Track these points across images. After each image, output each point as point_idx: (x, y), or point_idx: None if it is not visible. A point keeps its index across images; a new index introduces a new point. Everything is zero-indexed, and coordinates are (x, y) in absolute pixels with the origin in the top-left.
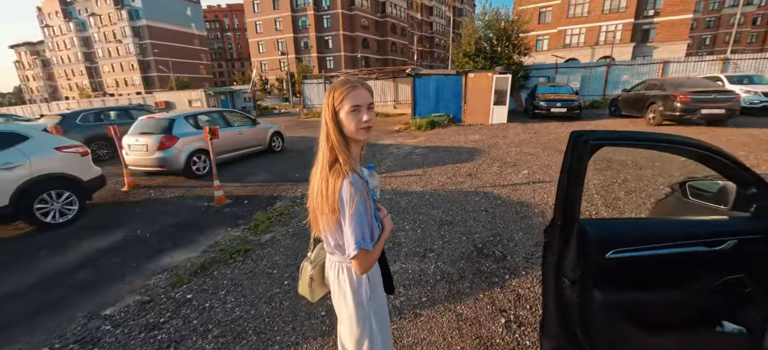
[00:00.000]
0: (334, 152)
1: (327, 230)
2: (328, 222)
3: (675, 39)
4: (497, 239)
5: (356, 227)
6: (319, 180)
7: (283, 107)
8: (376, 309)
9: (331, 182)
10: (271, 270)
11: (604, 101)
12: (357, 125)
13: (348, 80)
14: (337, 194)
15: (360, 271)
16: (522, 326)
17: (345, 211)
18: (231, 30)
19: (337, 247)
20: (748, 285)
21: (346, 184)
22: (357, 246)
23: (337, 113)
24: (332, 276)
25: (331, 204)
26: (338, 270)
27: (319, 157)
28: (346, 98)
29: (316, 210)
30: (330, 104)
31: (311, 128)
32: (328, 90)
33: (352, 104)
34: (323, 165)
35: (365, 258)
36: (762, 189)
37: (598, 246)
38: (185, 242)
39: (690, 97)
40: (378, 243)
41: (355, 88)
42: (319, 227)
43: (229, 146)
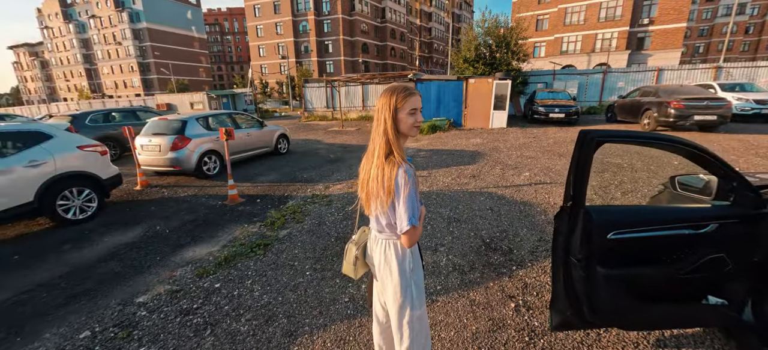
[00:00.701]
0: (390, 145)
1: (381, 211)
2: (383, 203)
3: (669, 47)
4: (503, 235)
5: (409, 206)
6: (374, 168)
7: (283, 110)
8: (416, 280)
9: (387, 170)
10: (292, 262)
11: (601, 107)
12: (412, 124)
13: (407, 87)
14: (393, 180)
15: (408, 244)
16: (530, 309)
17: (400, 194)
18: (231, 33)
19: (388, 226)
20: (728, 262)
21: (402, 172)
22: (409, 222)
23: (397, 113)
24: (378, 252)
25: (388, 188)
26: (385, 246)
27: (373, 149)
28: (407, 101)
29: (370, 194)
30: (391, 105)
31: (313, 131)
32: (387, 92)
33: (411, 107)
34: (379, 155)
35: (414, 233)
36: (740, 182)
37: (601, 228)
38: (205, 238)
39: (683, 103)
40: (420, 221)
41: (413, 94)
42: (372, 209)
43: (238, 148)
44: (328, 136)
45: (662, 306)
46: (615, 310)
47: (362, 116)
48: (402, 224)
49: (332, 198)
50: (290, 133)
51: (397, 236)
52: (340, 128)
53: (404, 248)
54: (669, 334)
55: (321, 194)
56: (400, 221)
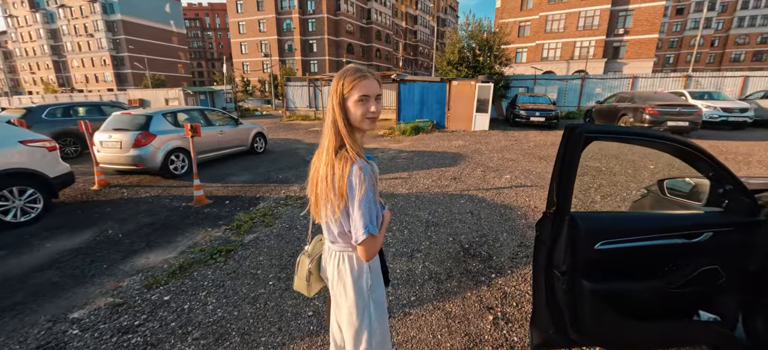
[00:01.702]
0: (340, 138)
1: (332, 217)
2: (334, 208)
3: (642, 56)
4: (483, 240)
5: (365, 211)
6: (324, 165)
7: (265, 109)
8: (375, 298)
9: (338, 168)
10: (255, 271)
11: (579, 111)
12: (363, 114)
13: (359, 69)
14: (345, 179)
15: (366, 257)
16: (509, 322)
17: (354, 196)
18: (212, 29)
19: (341, 235)
20: (721, 275)
21: (356, 169)
22: (366, 231)
23: (344, 100)
24: (332, 266)
25: (339, 189)
26: (339, 259)
27: (323, 143)
28: (355, 86)
29: (319, 197)
30: (338, 91)
31: (294, 130)
32: (337, 76)
33: (361, 94)
34: (328, 151)
35: (372, 243)
36: (734, 185)
37: (587, 238)
38: (162, 243)
39: (657, 109)
40: (381, 230)
41: (365, 77)
42: (322, 215)
43: (209, 146)
44: (310, 136)
45: (651, 323)
46: (601, 329)
47: None
48: (357, 234)
49: (307, 200)
50: (269, 132)
51: (353, 247)
52: (322, 127)
53: (361, 261)
54: None
55: (295, 196)
56: (355, 229)
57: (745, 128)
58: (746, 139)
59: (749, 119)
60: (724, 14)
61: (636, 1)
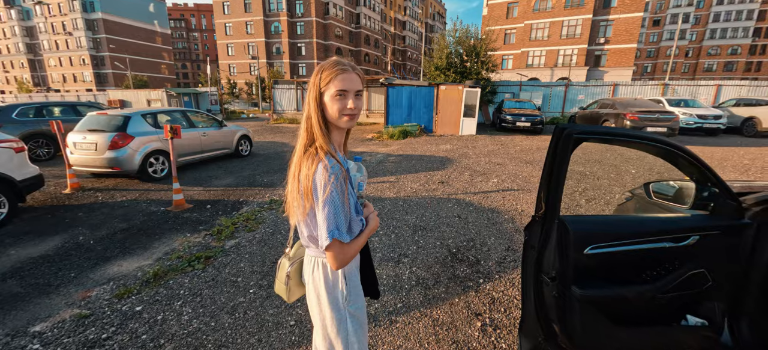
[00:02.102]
0: (311, 135)
1: (300, 218)
2: (300, 209)
3: (622, 65)
4: (470, 244)
5: (329, 215)
6: (293, 164)
7: (251, 112)
8: (353, 312)
9: (305, 167)
10: (235, 278)
11: (563, 117)
12: (340, 110)
13: (339, 61)
14: (310, 179)
15: (335, 265)
16: (498, 329)
17: (318, 197)
18: (198, 30)
19: (312, 238)
20: (709, 278)
21: (321, 168)
22: (330, 236)
23: (321, 95)
24: (307, 273)
25: (305, 189)
26: (313, 265)
27: (298, 140)
28: (333, 80)
29: (289, 196)
30: (316, 84)
31: (281, 133)
32: (315, 70)
33: (338, 88)
34: (298, 148)
35: (340, 251)
36: (719, 188)
37: (577, 242)
38: (137, 250)
39: (638, 115)
40: (358, 238)
41: (344, 71)
42: (291, 216)
43: (191, 148)
44: (297, 139)
45: (641, 329)
46: (592, 337)
47: None
48: (321, 238)
49: None
50: (255, 135)
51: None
52: None
53: (336, 271)
54: None
55: (280, 200)
56: (320, 234)
57: (719, 135)
58: (720, 144)
59: (722, 125)
60: (698, 26)
61: (615, 11)
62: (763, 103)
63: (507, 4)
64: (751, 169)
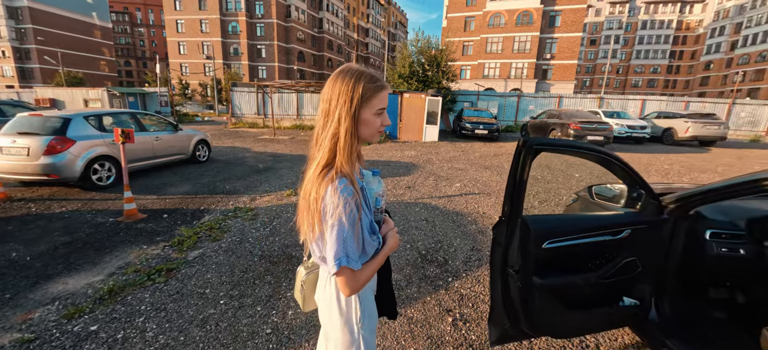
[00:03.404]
0: (334, 152)
1: (309, 239)
2: (310, 230)
3: (566, 79)
4: (439, 245)
5: (338, 242)
6: (308, 182)
7: (207, 115)
8: (365, 336)
9: (314, 187)
10: (202, 290)
11: (517, 125)
12: (378, 128)
13: (377, 77)
14: (319, 202)
15: (347, 292)
16: (467, 322)
17: (327, 221)
18: (145, 25)
19: (323, 259)
20: (638, 265)
21: (330, 191)
22: (337, 264)
23: (360, 109)
24: (320, 287)
25: (313, 211)
26: (326, 282)
27: (315, 156)
28: (375, 95)
29: (299, 214)
30: (354, 98)
31: (241, 138)
32: (346, 77)
33: (381, 105)
34: (317, 166)
35: (352, 277)
36: (645, 190)
37: (537, 238)
38: (85, 265)
39: (580, 125)
40: (373, 261)
41: (384, 87)
42: (302, 234)
43: (143, 154)
44: (258, 144)
45: (588, 312)
46: (549, 320)
47: (297, 124)
48: (329, 264)
49: (259, 211)
50: (213, 139)
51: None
52: (271, 136)
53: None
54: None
55: (245, 208)
56: (327, 258)
57: (644, 143)
58: (646, 151)
59: (647, 134)
60: (626, 47)
61: (559, 30)
62: (678, 115)
63: (464, 18)
64: (670, 173)
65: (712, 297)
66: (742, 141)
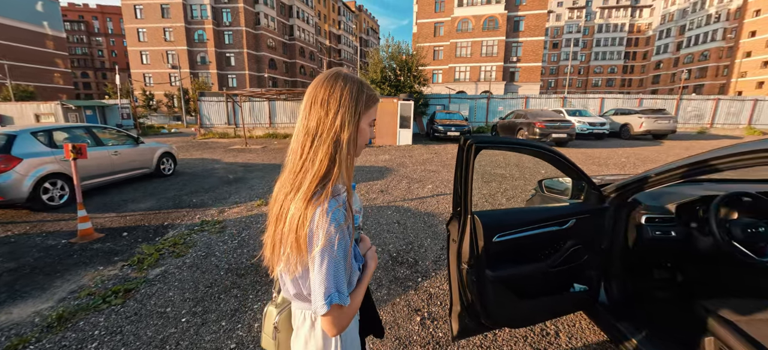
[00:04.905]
0: (334, 162)
1: (286, 274)
2: (289, 264)
3: (531, 80)
4: (409, 247)
5: (329, 275)
6: (294, 204)
7: (174, 126)
8: None
9: (303, 207)
10: (163, 309)
11: (487, 126)
12: (366, 140)
13: (371, 87)
14: (306, 226)
15: (333, 332)
16: (435, 321)
17: (313, 251)
18: (103, 34)
19: (299, 296)
20: (585, 252)
21: (319, 213)
22: (328, 303)
23: (360, 120)
24: (294, 328)
25: (296, 238)
26: (300, 319)
27: (295, 172)
28: (374, 106)
29: (277, 242)
30: (359, 104)
31: (210, 149)
32: (347, 83)
33: (375, 116)
34: (310, 185)
35: (339, 315)
36: (587, 183)
37: (487, 232)
38: (32, 292)
39: (545, 124)
40: (358, 289)
41: (378, 99)
42: (276, 266)
43: (100, 169)
44: (229, 155)
45: (540, 300)
46: (504, 311)
47: (269, 133)
48: (316, 303)
49: (227, 224)
50: (180, 151)
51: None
52: (243, 146)
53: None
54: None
55: (213, 221)
56: (314, 296)
57: (604, 138)
58: (605, 147)
59: (607, 130)
60: (586, 49)
61: (523, 35)
62: (633, 112)
63: (434, 24)
64: (626, 165)
65: (655, 278)
66: (690, 133)
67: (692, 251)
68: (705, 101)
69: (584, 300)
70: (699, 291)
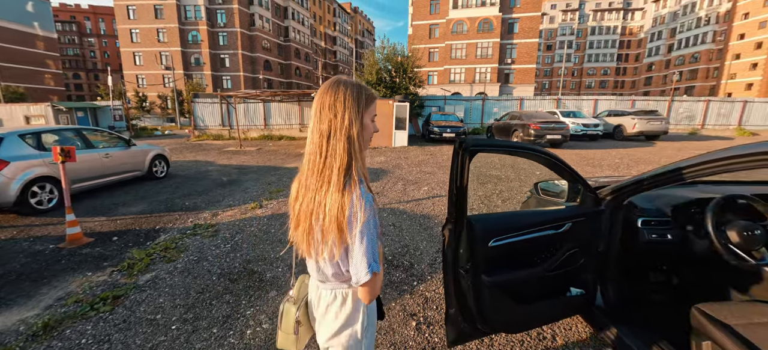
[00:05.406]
0: (351, 155)
1: (326, 257)
2: (331, 246)
3: (526, 82)
4: (405, 250)
5: (368, 248)
6: (330, 196)
7: (168, 128)
8: (367, 345)
9: (334, 197)
10: (153, 316)
11: (482, 128)
12: (371, 133)
13: (370, 89)
14: (346, 211)
15: (369, 299)
16: (431, 326)
17: (353, 230)
18: (95, 35)
19: (336, 275)
20: (581, 256)
21: (355, 199)
22: (370, 271)
23: (364, 117)
24: (322, 307)
25: (339, 223)
26: (330, 298)
27: (319, 169)
28: (373, 104)
29: (323, 232)
30: (360, 103)
31: (204, 151)
32: (347, 89)
33: (375, 112)
34: (338, 177)
35: (375, 282)
36: (583, 186)
37: (483, 237)
38: (18, 299)
39: (540, 125)
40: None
41: (376, 97)
42: (313, 253)
43: (90, 172)
44: (223, 157)
45: (537, 304)
46: (501, 316)
47: (264, 135)
48: (359, 274)
49: (220, 227)
50: (174, 154)
51: (346, 284)
52: (237, 148)
53: (357, 302)
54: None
55: (206, 224)
56: (356, 269)
57: (598, 139)
58: (599, 148)
59: (600, 132)
60: (579, 51)
61: (518, 37)
62: (626, 113)
63: (429, 26)
64: (620, 166)
65: (651, 281)
66: (682, 134)
67: (688, 254)
68: (696, 103)
69: (581, 304)
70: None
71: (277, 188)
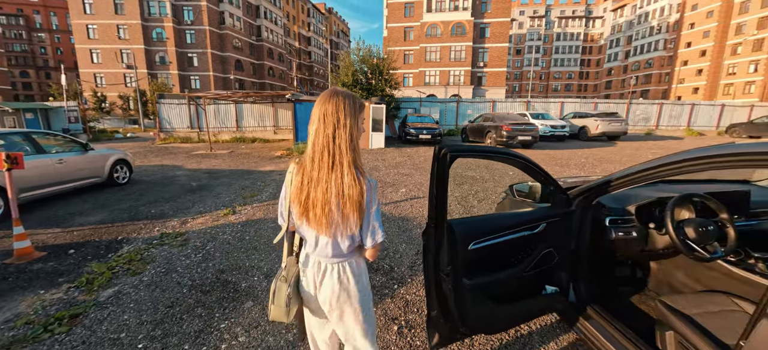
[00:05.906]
0: (354, 152)
1: (344, 232)
2: (349, 222)
3: (497, 85)
4: (384, 253)
5: (378, 219)
6: (347, 185)
7: (130, 130)
8: (369, 290)
9: (351, 183)
10: (116, 335)
11: (457, 129)
12: (361, 134)
13: (358, 97)
14: (364, 195)
15: (374, 256)
16: (412, 329)
17: (370, 208)
18: (46, 30)
19: (350, 246)
20: (555, 255)
21: (368, 184)
22: (382, 236)
23: (358, 121)
24: (332, 281)
25: (358, 203)
26: (339, 271)
27: (330, 163)
28: (364, 110)
29: (343, 215)
30: (355, 109)
31: (171, 154)
32: (346, 97)
33: (364, 117)
34: (350, 168)
35: (380, 245)
36: (555, 187)
37: (462, 241)
38: None
39: (511, 127)
40: None
41: (365, 105)
42: (334, 233)
43: (42, 180)
44: (192, 161)
45: (516, 304)
46: (481, 317)
47: (237, 137)
48: (376, 238)
49: (190, 236)
50: (137, 158)
51: (350, 254)
52: (208, 151)
53: (360, 263)
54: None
55: (174, 233)
56: (374, 234)
57: (565, 140)
58: (566, 148)
59: (567, 133)
60: (546, 56)
61: (489, 41)
62: (590, 115)
63: (404, 28)
64: (586, 165)
65: (619, 276)
66: (639, 135)
67: (651, 249)
68: (651, 105)
69: (556, 301)
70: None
71: (251, 192)
